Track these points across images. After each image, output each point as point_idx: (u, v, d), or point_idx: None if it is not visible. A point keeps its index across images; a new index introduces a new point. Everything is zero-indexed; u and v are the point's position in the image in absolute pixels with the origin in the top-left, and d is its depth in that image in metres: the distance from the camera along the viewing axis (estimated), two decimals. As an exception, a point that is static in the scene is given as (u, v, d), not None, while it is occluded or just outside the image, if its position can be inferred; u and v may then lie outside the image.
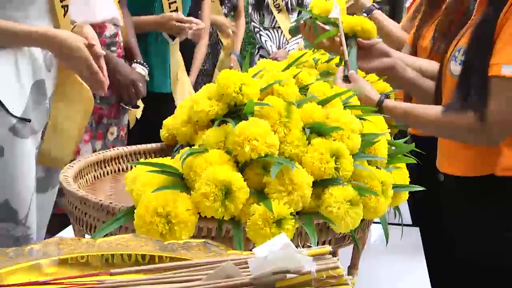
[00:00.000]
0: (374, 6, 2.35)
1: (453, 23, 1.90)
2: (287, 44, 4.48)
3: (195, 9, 3.21)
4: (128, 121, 2.52)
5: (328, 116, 1.20)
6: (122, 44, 2.36)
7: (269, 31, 4.54)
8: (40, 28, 1.63)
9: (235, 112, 1.18)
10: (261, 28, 4.54)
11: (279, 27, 4.56)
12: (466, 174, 1.56)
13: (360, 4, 2.35)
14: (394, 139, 1.37)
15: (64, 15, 1.71)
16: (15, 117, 1.62)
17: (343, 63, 1.68)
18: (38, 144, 1.74)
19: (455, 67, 1.55)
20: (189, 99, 1.26)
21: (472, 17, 1.56)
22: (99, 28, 2.22)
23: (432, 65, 1.82)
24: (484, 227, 1.55)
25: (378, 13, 2.32)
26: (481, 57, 1.45)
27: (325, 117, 1.20)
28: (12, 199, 1.65)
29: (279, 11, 4.54)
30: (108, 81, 1.76)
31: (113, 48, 2.30)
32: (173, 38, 2.80)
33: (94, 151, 2.30)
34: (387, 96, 1.60)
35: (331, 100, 1.25)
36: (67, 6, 1.70)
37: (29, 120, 1.66)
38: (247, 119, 1.10)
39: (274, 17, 4.55)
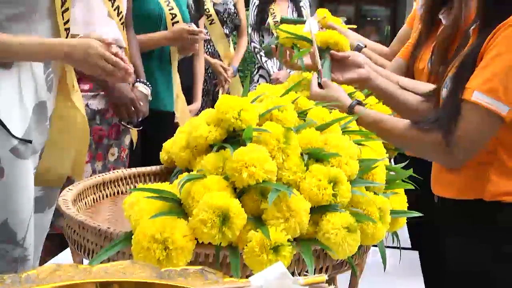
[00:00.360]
0: (360, 45, 2.39)
1: (450, 48, 1.92)
2: None
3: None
4: (131, 140, 2.53)
5: (326, 142, 1.20)
6: None
7: None
8: (50, 40, 1.64)
9: (234, 137, 1.18)
10: (261, 49, 4.55)
11: None
12: (457, 197, 1.57)
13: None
14: (395, 161, 1.38)
15: (66, 38, 1.72)
16: (17, 138, 1.63)
17: (317, 72, 1.71)
18: (36, 164, 1.75)
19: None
20: (188, 124, 1.27)
21: (467, 45, 1.58)
22: None
23: (413, 83, 1.84)
24: (477, 251, 1.55)
25: (367, 51, 2.35)
26: (462, 83, 1.48)
27: (324, 143, 1.20)
28: (11, 220, 1.66)
29: None
30: (132, 68, 1.74)
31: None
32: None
33: (94, 172, 2.31)
34: (359, 103, 1.63)
35: (329, 126, 1.26)
36: (69, 29, 1.72)
37: (30, 141, 1.66)
38: (246, 145, 1.11)
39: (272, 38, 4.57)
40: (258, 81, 4.67)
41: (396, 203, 1.27)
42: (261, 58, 4.59)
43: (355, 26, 2.58)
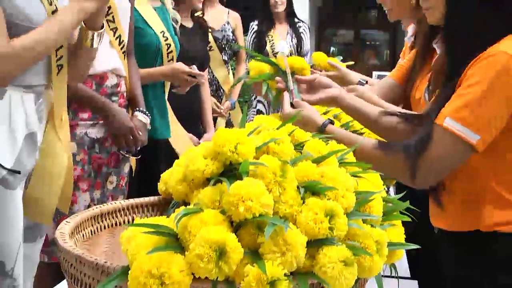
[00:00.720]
0: (361, 81, 2.42)
1: None
2: None
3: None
4: (131, 167, 2.54)
5: (323, 175, 1.21)
6: (125, 93, 2.39)
7: None
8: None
9: (231, 170, 1.19)
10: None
11: None
12: (454, 229, 1.57)
13: (348, 80, 2.43)
14: (396, 190, 1.39)
15: (58, 73, 1.74)
16: (5, 169, 1.64)
17: (288, 92, 1.77)
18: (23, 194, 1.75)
19: None
20: (185, 157, 1.28)
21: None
22: (99, 78, 2.26)
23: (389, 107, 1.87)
24: (475, 281, 1.55)
25: (366, 89, 2.39)
26: (439, 108, 1.51)
27: (320, 175, 1.21)
28: None
29: None
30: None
31: (114, 98, 2.33)
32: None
33: (92, 200, 2.31)
34: (331, 122, 1.66)
35: (326, 159, 1.26)
36: (61, 65, 1.74)
37: (19, 172, 1.67)
38: (242, 179, 1.11)
39: None
40: (256, 106, 4.68)
41: (394, 235, 1.27)
42: None
43: (352, 63, 2.63)
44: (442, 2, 1.97)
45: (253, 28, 4.76)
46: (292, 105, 1.71)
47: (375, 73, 5.14)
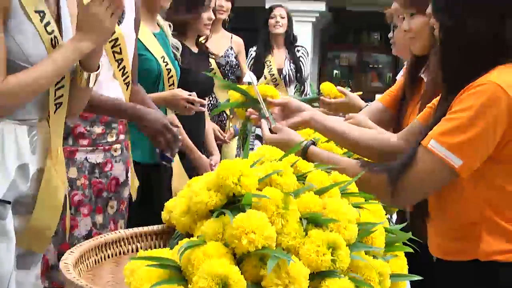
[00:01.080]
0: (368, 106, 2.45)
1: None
2: None
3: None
4: (130, 194, 2.54)
5: (325, 206, 1.21)
6: (124, 120, 2.40)
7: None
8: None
9: (234, 202, 1.20)
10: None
11: None
12: (453, 258, 1.57)
13: (352, 104, 2.45)
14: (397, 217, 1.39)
15: (55, 111, 1.76)
16: None
17: (265, 119, 1.79)
18: (17, 225, 1.75)
19: None
20: (189, 189, 1.28)
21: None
22: None
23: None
24: None
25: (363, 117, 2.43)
26: (427, 130, 1.54)
27: (322, 207, 1.21)
28: None
29: (276, 85, 4.59)
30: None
31: (114, 125, 2.34)
32: None
33: (94, 225, 2.31)
34: (313, 143, 1.66)
35: (328, 190, 1.27)
36: (60, 103, 1.76)
37: (9, 202, 1.68)
38: (245, 211, 1.12)
39: None
40: (255, 130, 4.68)
41: (396, 267, 1.27)
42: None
43: (361, 93, 2.68)
44: (425, 33, 2.02)
45: (251, 54, 4.78)
46: (271, 131, 1.73)
47: (378, 96, 5.15)
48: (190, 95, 2.80)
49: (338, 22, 13.13)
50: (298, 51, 4.85)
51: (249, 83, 1.82)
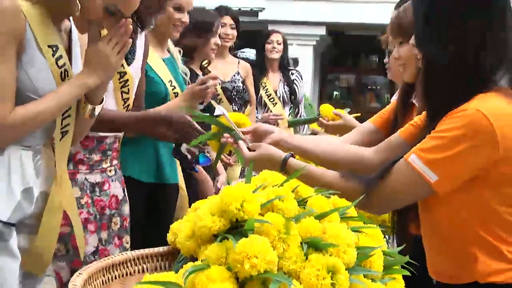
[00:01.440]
0: None
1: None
2: None
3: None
4: (130, 211, 2.52)
5: (325, 231, 1.21)
6: (118, 147, 2.40)
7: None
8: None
9: (237, 227, 1.19)
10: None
11: None
12: (452, 282, 1.56)
13: (348, 126, 2.48)
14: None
15: (61, 139, 1.76)
16: (1, 221, 1.65)
17: (242, 141, 1.79)
18: (21, 245, 1.75)
19: None
20: (194, 214, 1.28)
21: None
22: (100, 137, 2.27)
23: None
24: None
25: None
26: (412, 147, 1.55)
27: (322, 232, 1.21)
28: None
29: (274, 104, 4.60)
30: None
31: (109, 153, 2.34)
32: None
33: (100, 241, 2.31)
34: (292, 155, 1.68)
35: (328, 215, 1.27)
36: (66, 131, 1.77)
37: (14, 225, 1.68)
38: (248, 235, 1.12)
39: (267, 111, 4.58)
40: None
41: (394, 290, 1.27)
42: None
43: (359, 114, 2.69)
44: (414, 61, 2.03)
45: None
46: (249, 149, 1.74)
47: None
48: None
49: (338, 45, 13.19)
50: (292, 74, 4.84)
51: (220, 115, 1.85)
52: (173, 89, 2.82)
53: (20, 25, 1.61)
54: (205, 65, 3.51)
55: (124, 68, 2.24)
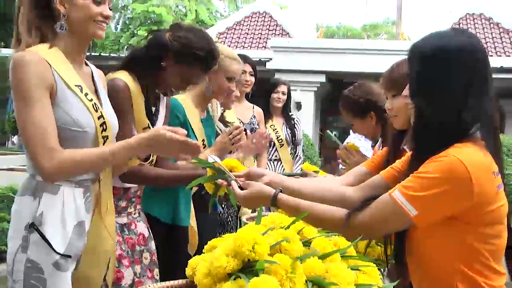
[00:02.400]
0: None
1: None
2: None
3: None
4: (156, 247, 2.52)
5: (327, 270, 1.21)
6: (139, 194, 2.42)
7: (269, 162, 4.54)
8: (131, 142, 1.74)
9: (249, 266, 1.20)
10: None
11: (278, 159, 4.59)
12: None
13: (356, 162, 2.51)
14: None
15: (104, 143, 1.79)
16: (58, 253, 1.66)
17: (234, 181, 1.80)
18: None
19: None
20: (210, 254, 1.29)
21: None
22: (125, 188, 2.29)
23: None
24: None
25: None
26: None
27: (325, 271, 1.21)
28: None
29: (282, 145, 4.61)
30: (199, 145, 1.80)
31: (133, 199, 2.35)
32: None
33: (135, 274, 2.31)
34: (281, 191, 1.69)
35: (330, 255, 1.27)
36: (107, 136, 1.79)
37: (70, 256, 1.69)
38: (259, 274, 1.12)
39: (275, 150, 4.58)
40: None
41: (390, 323, 1.26)
42: None
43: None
44: (405, 111, 2.07)
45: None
46: (241, 188, 1.75)
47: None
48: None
49: (336, 91, 13.27)
50: (293, 119, 4.87)
51: (213, 162, 1.87)
52: (203, 148, 2.81)
53: (48, 72, 1.65)
54: (225, 116, 3.49)
55: (149, 127, 2.28)
